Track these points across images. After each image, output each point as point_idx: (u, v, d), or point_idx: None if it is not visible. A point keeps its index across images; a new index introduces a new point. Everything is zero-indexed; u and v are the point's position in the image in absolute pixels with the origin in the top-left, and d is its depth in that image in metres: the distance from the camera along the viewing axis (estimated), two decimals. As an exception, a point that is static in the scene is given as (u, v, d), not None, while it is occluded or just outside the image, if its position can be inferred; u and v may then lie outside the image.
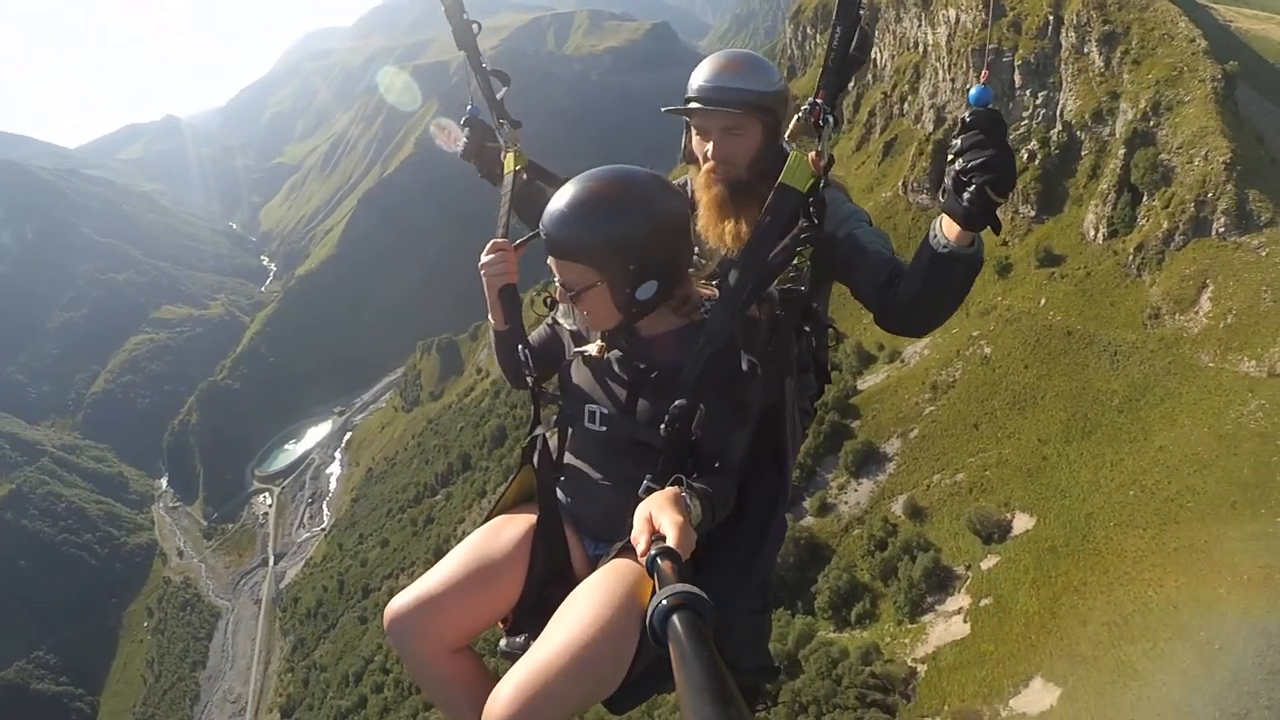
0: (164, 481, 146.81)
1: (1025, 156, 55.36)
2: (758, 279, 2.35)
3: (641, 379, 2.43)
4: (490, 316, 2.85)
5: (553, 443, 2.69)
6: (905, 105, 69.91)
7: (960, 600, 38.07)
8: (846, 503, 46.40)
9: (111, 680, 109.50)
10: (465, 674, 2.43)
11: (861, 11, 2.26)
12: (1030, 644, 33.59)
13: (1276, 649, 27.48)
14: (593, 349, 2.52)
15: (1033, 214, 54.06)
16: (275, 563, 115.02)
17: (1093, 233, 50.41)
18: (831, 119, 2.36)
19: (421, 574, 2.42)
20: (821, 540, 45.12)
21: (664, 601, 1.29)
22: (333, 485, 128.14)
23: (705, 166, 2.78)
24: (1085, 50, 54.68)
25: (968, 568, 39.23)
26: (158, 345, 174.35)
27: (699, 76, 2.80)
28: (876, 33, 77.25)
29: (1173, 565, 32.29)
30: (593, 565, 2.47)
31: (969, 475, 43.02)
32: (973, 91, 2.09)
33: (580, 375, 2.58)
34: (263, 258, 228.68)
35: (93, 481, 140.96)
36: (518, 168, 3.08)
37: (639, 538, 1.79)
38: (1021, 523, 39.30)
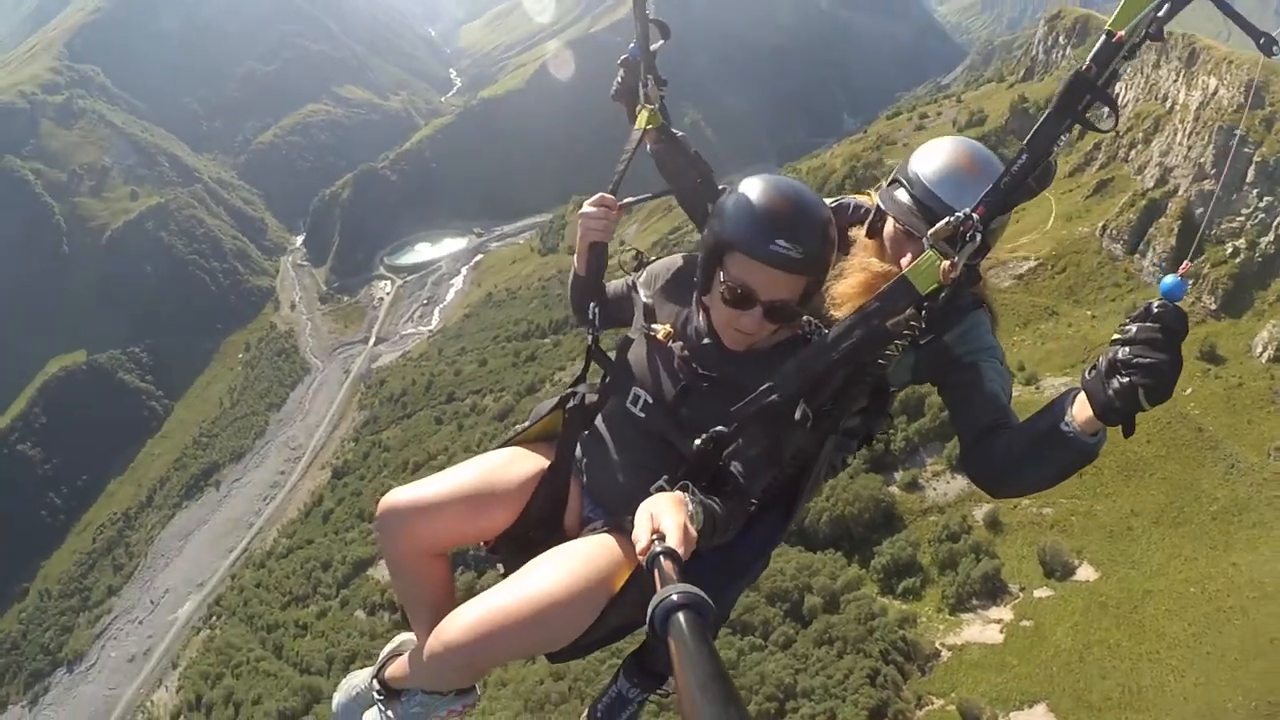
0: (300, 240, 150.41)
1: (1229, 251, 54.73)
2: (845, 354, 2.26)
3: (694, 383, 2.41)
4: (575, 260, 2.87)
5: (591, 399, 2.72)
6: (1133, 152, 67.79)
7: (1003, 613, 40.01)
8: (935, 490, 47.66)
9: (192, 394, 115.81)
10: (435, 579, 2.55)
11: (1056, 148, 2.11)
12: (1050, 675, 35.63)
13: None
14: (660, 331, 2.52)
15: (1213, 307, 53.45)
16: (375, 344, 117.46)
17: (1260, 349, 49.84)
18: (979, 237, 2.16)
19: (427, 476, 2.58)
20: (899, 512, 46.88)
21: (672, 597, 1.28)
22: (450, 295, 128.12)
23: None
24: (1325, 178, 52.82)
25: (1021, 589, 40.93)
26: (332, 118, 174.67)
27: (927, 169, 2.57)
28: (1129, 70, 74.54)
29: (1200, 664, 33.79)
30: (583, 523, 2.59)
31: (1056, 513, 44.14)
32: (1166, 281, 1.86)
33: (638, 354, 2.57)
34: (451, 71, 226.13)
35: (235, 219, 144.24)
36: (649, 126, 3.00)
37: (640, 535, 1.76)
38: (1085, 572, 40.73)
